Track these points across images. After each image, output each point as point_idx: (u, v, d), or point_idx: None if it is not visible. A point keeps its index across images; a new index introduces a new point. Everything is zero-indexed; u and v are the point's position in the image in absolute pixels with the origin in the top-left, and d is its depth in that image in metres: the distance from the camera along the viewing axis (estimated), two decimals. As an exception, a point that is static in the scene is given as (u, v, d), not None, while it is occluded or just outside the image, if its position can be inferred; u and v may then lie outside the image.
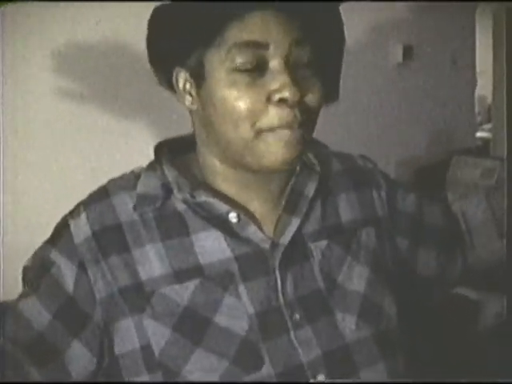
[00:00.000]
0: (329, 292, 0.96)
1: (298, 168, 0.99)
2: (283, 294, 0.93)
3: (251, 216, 0.97)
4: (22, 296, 0.95)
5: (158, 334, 0.91)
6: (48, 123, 1.65)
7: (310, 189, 0.99)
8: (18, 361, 0.91)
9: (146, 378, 0.92)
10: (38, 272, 0.94)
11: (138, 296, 0.92)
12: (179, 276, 0.92)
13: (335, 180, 1.05)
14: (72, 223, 0.95)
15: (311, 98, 0.89)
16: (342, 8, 0.96)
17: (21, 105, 1.60)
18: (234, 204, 0.96)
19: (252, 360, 0.91)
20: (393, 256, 1.08)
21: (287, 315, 0.93)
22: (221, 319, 0.91)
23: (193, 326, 0.91)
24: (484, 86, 3.28)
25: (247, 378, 0.90)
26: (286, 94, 0.86)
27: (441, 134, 2.70)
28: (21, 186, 1.61)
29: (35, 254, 0.96)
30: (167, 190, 0.96)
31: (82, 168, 1.69)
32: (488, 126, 3.62)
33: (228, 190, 0.97)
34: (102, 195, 0.97)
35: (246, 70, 0.87)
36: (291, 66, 0.88)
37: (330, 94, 0.99)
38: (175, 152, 1.01)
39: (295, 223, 0.97)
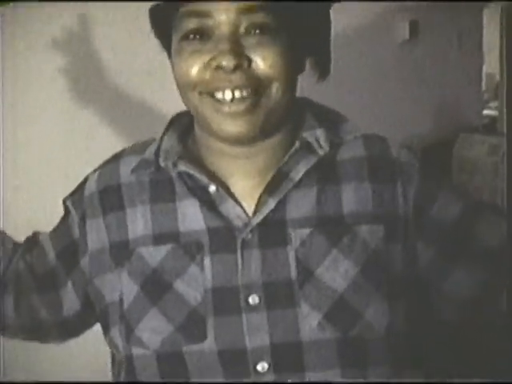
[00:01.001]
0: (300, 283, 0.91)
1: (294, 147, 0.93)
2: (243, 275, 0.91)
3: (231, 191, 0.95)
4: (50, 232, 1.04)
5: (129, 289, 0.94)
6: (48, 123, 1.67)
7: (298, 172, 0.93)
8: (27, 285, 1.01)
9: (115, 329, 0.96)
10: (63, 213, 1.03)
11: (123, 252, 0.96)
12: (157, 239, 0.95)
13: (348, 166, 0.96)
14: (89, 178, 1.02)
15: (261, 65, 0.87)
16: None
17: (21, 104, 1.61)
18: (214, 177, 0.95)
19: (196, 331, 0.91)
20: (406, 263, 0.96)
21: (242, 296, 0.91)
22: (180, 286, 0.92)
23: (155, 287, 0.93)
24: (491, 64, 3.26)
25: (187, 348, 0.91)
26: (220, 60, 0.85)
27: (447, 112, 2.69)
28: (21, 183, 1.63)
29: (64, 198, 1.04)
30: (157, 156, 0.98)
31: (83, 166, 1.67)
32: (495, 103, 3.60)
33: (213, 161, 0.96)
34: (116, 157, 1.02)
35: (193, 39, 0.88)
36: (240, 34, 0.87)
37: (319, 67, 0.96)
38: (189, 123, 1.02)
39: (270, 204, 0.92)
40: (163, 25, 0.94)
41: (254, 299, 0.91)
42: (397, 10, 2.44)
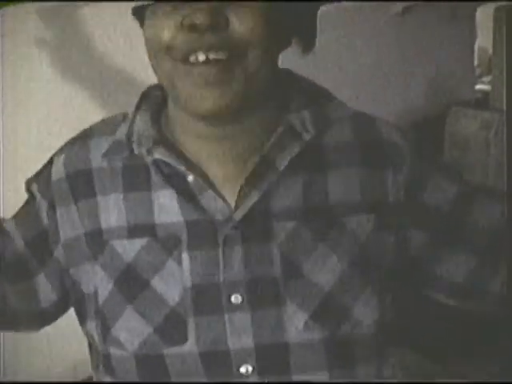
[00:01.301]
0: (285, 280, 0.85)
1: (279, 131, 0.87)
2: (225, 272, 0.85)
3: (211, 180, 0.88)
4: (13, 216, 0.97)
5: (103, 284, 0.88)
6: (48, 122, 1.65)
7: (284, 160, 0.86)
8: None
9: (92, 323, 0.90)
10: (26, 198, 0.96)
11: (96, 243, 0.89)
12: (131, 231, 0.88)
13: (335, 152, 0.90)
14: (55, 160, 0.94)
15: (239, 26, 0.79)
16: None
17: (21, 104, 1.60)
18: (193, 165, 0.87)
19: (176, 333, 0.85)
20: (397, 253, 0.91)
21: (224, 295, 0.85)
22: (157, 284, 0.86)
23: (131, 284, 0.87)
24: (484, 38, 3.23)
25: (167, 351, 0.85)
26: (194, 18, 0.77)
27: (440, 86, 2.67)
28: (21, 183, 1.59)
29: (26, 181, 0.96)
30: (131, 142, 0.90)
31: None
32: (488, 78, 3.58)
33: (190, 145, 0.88)
34: (85, 136, 0.94)
35: (166, 1, 0.80)
36: None
37: (304, 40, 0.89)
38: (162, 99, 0.94)
39: (254, 197, 0.85)
40: None
41: (236, 298, 0.85)
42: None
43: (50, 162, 0.94)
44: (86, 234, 0.90)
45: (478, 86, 3.49)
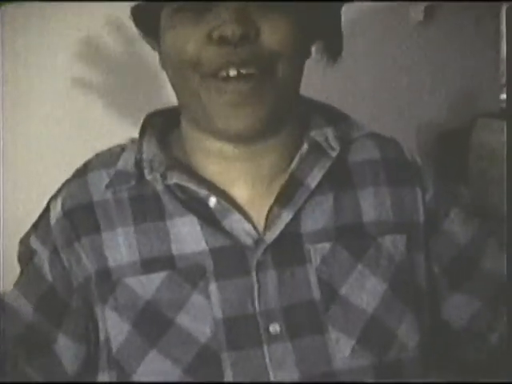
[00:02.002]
0: (325, 305, 0.80)
1: (304, 149, 0.84)
2: (260, 301, 0.79)
3: (236, 202, 0.83)
4: (13, 286, 0.89)
5: (117, 329, 0.81)
6: (49, 123, 1.63)
7: (314, 178, 0.83)
8: (12, 356, 0.84)
9: (106, 375, 0.83)
10: (22, 260, 0.88)
11: (104, 284, 0.82)
12: (147, 266, 0.81)
13: (362, 169, 0.87)
14: (51, 205, 0.88)
15: (270, 37, 0.75)
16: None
17: (21, 105, 1.58)
18: (214, 187, 0.83)
19: (210, 372, 0.78)
20: (428, 272, 0.89)
21: (262, 325, 0.79)
22: (183, 320, 0.79)
23: (152, 323, 0.80)
24: (509, 46, 3.16)
25: None
26: (225, 30, 0.73)
27: (464, 96, 2.60)
28: (21, 183, 1.61)
29: (20, 241, 0.90)
30: (141, 169, 0.85)
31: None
32: (513, 88, 3.50)
33: (210, 167, 0.84)
34: (80, 172, 0.89)
35: (189, 10, 0.76)
36: (245, 4, 0.75)
37: (329, 51, 0.86)
38: (165, 124, 0.90)
39: (285, 218, 0.82)
40: (150, 7, 0.81)
41: (274, 328, 0.79)
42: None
43: (47, 209, 0.88)
44: (95, 273, 0.84)
45: (503, 96, 3.42)
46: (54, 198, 0.89)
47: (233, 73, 0.75)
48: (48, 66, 1.62)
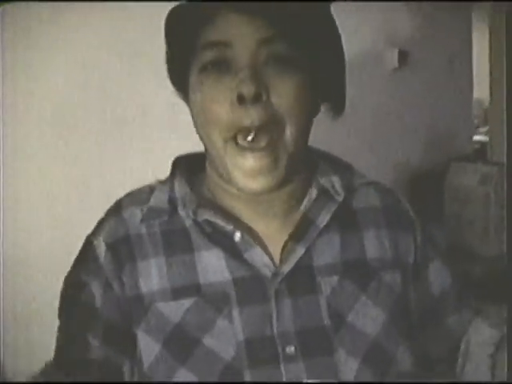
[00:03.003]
0: (335, 330, 0.90)
1: (314, 193, 0.94)
2: (278, 325, 0.88)
3: (256, 236, 0.93)
4: (61, 329, 0.93)
5: (149, 349, 0.89)
6: (49, 124, 1.65)
7: (323, 218, 0.93)
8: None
9: None
10: (73, 297, 0.93)
11: (138, 308, 0.90)
12: (176, 293, 0.90)
13: (366, 214, 0.98)
14: (95, 243, 0.93)
15: (278, 97, 0.84)
16: (336, 11, 0.93)
17: (21, 105, 1.60)
18: (238, 223, 0.92)
19: None
20: (415, 305, 0.99)
21: (280, 346, 0.88)
22: (209, 341, 0.88)
23: (181, 344, 0.88)
24: (480, 89, 3.25)
25: None
26: (241, 88, 0.81)
27: (438, 139, 2.67)
28: (21, 182, 1.62)
29: (66, 281, 0.95)
30: (174, 206, 0.94)
31: (85, 164, 1.71)
32: (484, 129, 3.59)
33: (232, 206, 0.93)
34: (115, 211, 0.96)
35: (211, 69, 0.85)
36: (259, 65, 0.84)
37: (333, 104, 0.95)
38: (193, 167, 0.99)
39: (299, 252, 0.91)
40: (179, 60, 0.91)
41: (290, 349, 0.88)
42: (385, 38, 2.44)
43: (87, 246, 0.94)
44: (129, 298, 0.91)
45: (476, 137, 3.51)
46: (93, 235, 0.95)
47: (250, 137, 0.84)
48: (48, 66, 1.64)
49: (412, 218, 1.01)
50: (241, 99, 0.82)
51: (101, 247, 0.93)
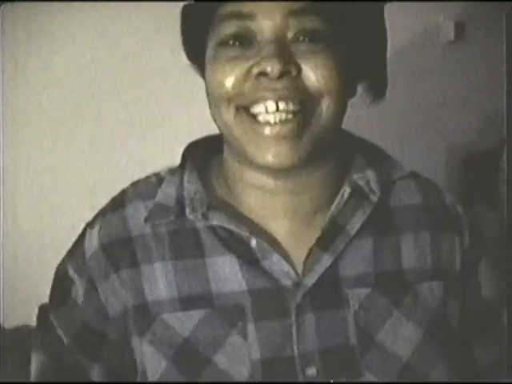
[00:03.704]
0: (362, 350, 0.80)
1: (346, 192, 0.83)
2: (298, 343, 0.79)
3: (276, 242, 0.82)
4: (49, 311, 0.88)
5: (155, 364, 0.81)
6: (49, 124, 1.64)
7: (355, 224, 0.83)
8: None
9: None
10: (59, 286, 0.88)
11: (142, 318, 0.82)
12: (185, 303, 0.81)
13: (404, 214, 0.87)
14: (87, 234, 0.87)
15: (312, 74, 0.74)
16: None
17: (21, 106, 1.59)
18: (255, 226, 0.82)
19: None
20: (460, 320, 0.89)
21: (299, 368, 0.78)
22: (221, 360, 0.78)
23: (190, 362, 0.79)
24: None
25: None
26: (265, 66, 0.73)
27: (494, 119, 2.54)
28: (21, 182, 1.62)
29: (57, 269, 0.89)
30: (182, 206, 0.84)
31: (85, 164, 1.69)
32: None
33: (252, 200, 0.83)
34: (117, 203, 0.88)
35: (231, 45, 0.76)
36: (286, 40, 0.74)
37: (374, 90, 0.86)
38: (207, 154, 0.90)
39: (326, 262, 0.81)
40: (197, 29, 0.81)
41: (312, 370, 0.78)
42: (441, 8, 2.28)
43: (82, 237, 0.88)
44: (130, 306, 0.83)
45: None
46: (89, 226, 0.88)
47: (271, 107, 0.75)
48: (48, 66, 1.63)
49: (459, 215, 0.90)
50: (262, 76, 0.73)
51: (92, 244, 0.85)
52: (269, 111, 0.75)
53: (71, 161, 1.66)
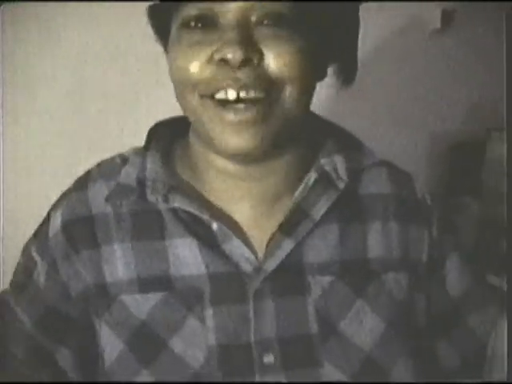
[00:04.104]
0: (322, 339, 0.78)
1: (311, 177, 0.82)
2: (256, 330, 0.77)
3: (238, 226, 0.81)
4: (11, 292, 0.87)
5: (111, 346, 0.80)
6: (49, 123, 1.63)
7: (320, 210, 0.81)
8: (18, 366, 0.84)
9: None
10: (22, 267, 0.88)
11: (101, 298, 0.81)
12: (143, 285, 0.79)
13: (373, 202, 0.86)
14: (51, 215, 0.86)
15: (274, 61, 0.72)
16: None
17: (21, 105, 1.58)
18: (216, 209, 0.81)
19: None
20: (427, 313, 0.87)
21: (256, 355, 0.77)
22: (176, 344, 0.77)
23: (145, 344, 0.78)
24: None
25: None
26: (226, 52, 0.71)
27: (480, 107, 2.54)
28: (21, 182, 1.61)
29: (23, 249, 0.89)
30: (143, 186, 0.83)
31: (84, 164, 1.67)
32: (532, 98, 3.43)
33: (215, 184, 0.82)
34: (81, 183, 0.87)
35: (194, 27, 0.74)
36: (250, 23, 0.72)
37: (343, 74, 0.85)
38: (173, 135, 0.88)
39: (287, 247, 0.80)
40: (161, 11, 0.79)
41: (269, 358, 0.77)
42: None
43: (47, 219, 0.87)
44: (89, 286, 0.83)
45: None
46: (54, 208, 0.87)
47: (232, 95, 0.73)
48: (48, 66, 1.61)
49: (429, 207, 0.89)
50: (224, 62, 0.72)
51: (55, 225, 0.84)
52: (230, 99, 0.74)
53: (71, 161, 1.65)
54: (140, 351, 0.78)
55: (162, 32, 0.82)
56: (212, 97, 0.75)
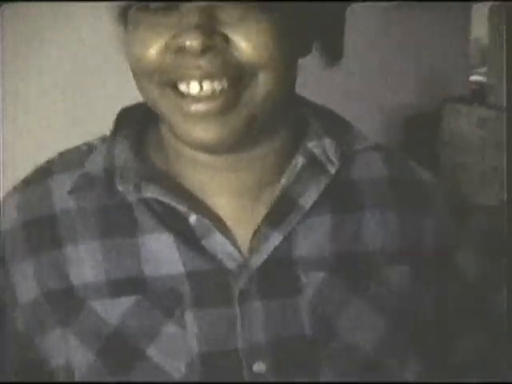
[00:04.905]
0: (318, 342, 0.69)
1: (299, 162, 0.72)
2: (243, 335, 0.68)
3: (219, 219, 0.72)
4: None
5: (80, 357, 0.71)
6: (48, 121, 1.62)
7: (310, 198, 0.71)
8: None
9: None
10: None
11: (66, 305, 0.72)
12: (114, 288, 0.70)
13: (368, 188, 0.75)
14: (6, 203, 0.76)
15: (243, 46, 0.63)
16: None
17: (21, 105, 1.58)
18: (195, 201, 0.72)
19: None
20: (432, 307, 0.77)
21: (245, 363, 0.68)
22: (154, 353, 0.68)
23: (119, 355, 0.69)
24: (478, 27, 3.12)
25: None
26: (184, 39, 0.62)
27: (433, 79, 2.56)
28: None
29: None
30: (111, 176, 0.73)
31: None
32: (483, 69, 3.48)
33: (191, 175, 0.73)
34: (42, 174, 0.76)
35: (153, 9, 0.64)
36: (214, 6, 0.63)
37: (328, 51, 0.73)
38: (145, 120, 0.78)
39: (274, 241, 0.70)
40: None
41: (259, 367, 0.68)
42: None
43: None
44: (48, 293, 0.72)
45: (473, 77, 3.39)
46: (7, 198, 0.76)
47: (194, 89, 0.64)
48: (48, 66, 1.61)
49: (432, 189, 0.78)
50: (182, 50, 0.63)
51: (9, 218, 0.75)
52: (191, 91, 0.65)
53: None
54: (113, 362, 0.70)
55: (123, 14, 0.69)
56: (172, 87, 0.65)
